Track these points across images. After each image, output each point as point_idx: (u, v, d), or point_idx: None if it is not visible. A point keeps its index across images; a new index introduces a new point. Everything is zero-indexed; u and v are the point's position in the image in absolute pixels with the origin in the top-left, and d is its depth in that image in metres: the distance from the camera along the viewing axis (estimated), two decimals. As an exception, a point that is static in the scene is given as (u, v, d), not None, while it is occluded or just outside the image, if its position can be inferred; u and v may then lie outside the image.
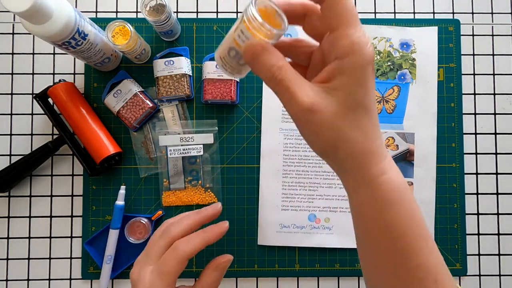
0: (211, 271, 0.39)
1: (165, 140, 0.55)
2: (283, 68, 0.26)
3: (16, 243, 0.55)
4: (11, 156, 0.56)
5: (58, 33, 0.42)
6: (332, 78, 0.26)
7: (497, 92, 0.58)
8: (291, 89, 0.26)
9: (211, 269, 0.40)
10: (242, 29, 0.27)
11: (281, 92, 0.26)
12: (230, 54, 0.28)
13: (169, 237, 0.39)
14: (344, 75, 0.26)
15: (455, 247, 0.56)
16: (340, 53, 0.25)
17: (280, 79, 0.26)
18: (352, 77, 0.25)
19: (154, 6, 0.50)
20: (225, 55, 0.29)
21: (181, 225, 0.40)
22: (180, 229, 0.40)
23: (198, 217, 0.42)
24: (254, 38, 0.26)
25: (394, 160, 0.55)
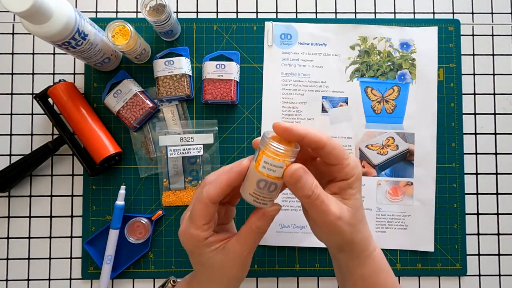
0: (256, 219, 0.36)
1: (165, 140, 0.55)
2: (318, 186, 0.34)
3: (16, 243, 0.55)
4: (11, 156, 0.56)
5: (58, 33, 0.42)
6: (342, 191, 0.37)
7: (497, 92, 0.58)
8: (325, 202, 0.34)
9: (257, 217, 0.36)
10: (267, 160, 0.31)
11: (318, 205, 0.34)
12: (260, 186, 0.33)
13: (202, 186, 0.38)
14: (351, 188, 0.36)
15: (455, 247, 0.56)
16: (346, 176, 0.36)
17: (318, 195, 0.34)
18: (356, 188, 0.37)
19: (154, 6, 0.50)
20: (254, 190, 0.33)
21: (216, 186, 0.36)
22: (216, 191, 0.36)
23: (232, 175, 0.36)
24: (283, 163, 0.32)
25: (394, 160, 0.56)
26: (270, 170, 0.32)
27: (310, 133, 0.34)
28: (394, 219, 0.56)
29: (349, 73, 0.57)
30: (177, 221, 0.55)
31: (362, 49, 0.57)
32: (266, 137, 0.32)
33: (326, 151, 0.35)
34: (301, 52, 0.57)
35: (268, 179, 0.32)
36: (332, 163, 0.36)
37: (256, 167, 0.32)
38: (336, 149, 0.35)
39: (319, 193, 0.34)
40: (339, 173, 0.36)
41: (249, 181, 0.33)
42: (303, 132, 0.34)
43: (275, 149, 0.31)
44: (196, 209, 0.36)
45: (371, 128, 0.57)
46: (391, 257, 0.55)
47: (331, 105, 0.57)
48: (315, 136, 0.34)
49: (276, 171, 0.32)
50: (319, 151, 0.35)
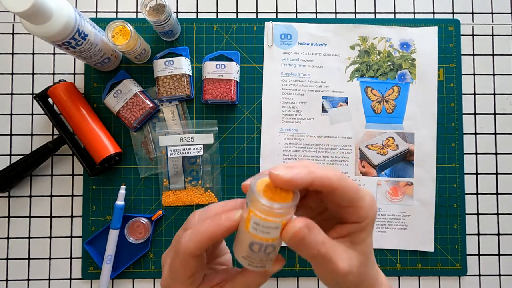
0: (254, 276, 0.31)
1: (165, 140, 0.55)
2: (325, 241, 0.28)
3: (16, 243, 0.55)
4: (11, 156, 0.56)
5: (58, 33, 0.42)
6: (352, 235, 0.30)
7: (497, 92, 0.58)
8: (333, 260, 0.28)
9: (256, 274, 0.31)
10: (257, 222, 0.25)
11: (324, 264, 0.28)
12: (254, 249, 0.26)
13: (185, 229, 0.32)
14: (363, 231, 0.30)
15: (455, 247, 0.56)
16: (359, 219, 0.30)
17: (325, 253, 0.28)
18: (368, 231, 0.31)
19: (154, 6, 0.50)
20: (247, 253, 0.26)
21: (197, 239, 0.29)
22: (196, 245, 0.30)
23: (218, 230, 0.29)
24: (279, 224, 0.25)
25: (394, 160, 0.56)
26: (264, 233, 0.25)
27: (317, 177, 0.27)
28: (394, 219, 0.56)
29: (349, 73, 0.57)
30: (177, 221, 0.55)
31: (362, 49, 0.57)
32: (253, 190, 0.25)
33: (337, 194, 0.29)
34: (301, 52, 0.57)
35: (263, 242, 0.25)
36: (343, 206, 0.30)
37: (246, 227, 0.25)
38: (349, 191, 0.29)
39: (326, 251, 0.28)
40: (351, 216, 0.30)
41: (240, 241, 0.27)
42: (309, 179, 0.27)
43: (267, 208, 0.24)
44: (176, 264, 0.30)
45: (371, 128, 0.56)
46: (391, 257, 0.55)
47: (331, 105, 0.57)
48: (324, 180, 0.28)
49: (271, 233, 0.25)
50: (329, 195, 0.29)
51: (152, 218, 0.54)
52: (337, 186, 0.28)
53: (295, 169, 0.27)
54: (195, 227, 0.29)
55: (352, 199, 0.29)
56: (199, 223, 0.29)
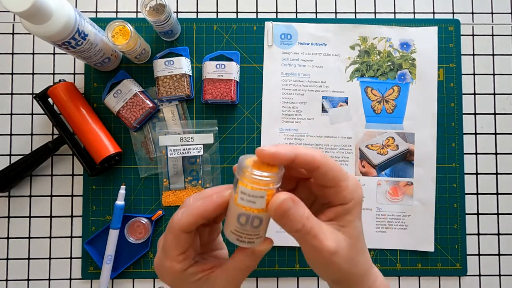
0: (244, 258, 0.31)
1: (165, 140, 0.55)
2: (310, 217, 0.29)
3: (16, 243, 0.55)
4: (11, 156, 0.56)
5: (58, 33, 0.42)
6: (339, 217, 0.31)
7: (497, 92, 0.58)
8: (318, 237, 0.29)
9: (245, 255, 0.31)
10: (244, 190, 0.26)
11: (309, 240, 0.29)
12: (241, 221, 0.27)
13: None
14: (349, 214, 0.31)
15: (455, 247, 0.56)
16: (344, 200, 0.31)
17: (310, 228, 0.28)
18: (354, 214, 0.31)
19: (154, 6, 0.50)
20: (236, 226, 0.28)
21: (189, 215, 0.31)
22: (187, 220, 0.31)
23: (209, 206, 0.31)
24: (264, 192, 0.26)
25: (394, 160, 0.56)
26: (250, 202, 0.26)
27: (300, 153, 0.29)
28: (394, 219, 0.56)
29: (349, 73, 0.57)
30: (177, 221, 0.55)
31: (362, 49, 0.57)
32: (242, 163, 0.27)
33: (320, 172, 0.30)
34: (301, 52, 0.57)
35: (250, 213, 0.27)
36: (327, 185, 0.31)
37: (235, 199, 0.27)
38: (332, 169, 0.30)
39: (311, 226, 0.28)
40: (336, 197, 0.31)
41: (230, 216, 0.28)
42: (292, 154, 0.28)
43: (253, 176, 0.26)
44: (167, 239, 0.31)
45: (371, 128, 0.56)
46: (391, 257, 0.55)
47: (331, 105, 0.57)
48: (307, 156, 0.29)
49: (256, 202, 0.26)
50: (313, 172, 0.30)
51: (152, 218, 0.54)
52: (320, 163, 0.29)
53: (280, 146, 0.29)
54: (189, 206, 0.31)
55: (335, 178, 0.30)
56: (193, 203, 0.31)
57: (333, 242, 0.29)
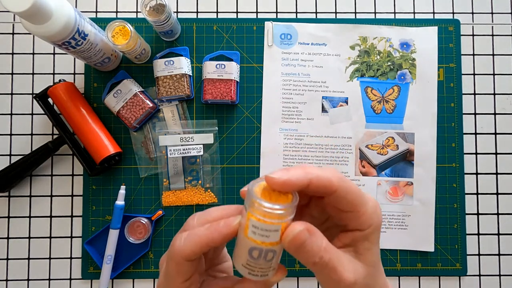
0: (254, 284, 0.29)
1: (165, 140, 0.55)
2: (328, 248, 0.26)
3: (16, 243, 0.55)
4: (11, 156, 0.56)
5: (58, 33, 0.42)
6: (356, 244, 0.29)
7: (497, 92, 0.58)
8: (338, 269, 0.26)
9: (256, 285, 0.29)
10: (256, 224, 0.24)
11: (327, 273, 0.27)
12: (253, 256, 0.25)
13: (182, 231, 0.30)
14: (367, 240, 0.29)
15: (455, 247, 0.56)
16: (362, 226, 0.28)
17: (329, 260, 0.26)
18: (373, 241, 0.29)
19: (154, 6, 0.50)
20: (247, 261, 0.25)
21: (192, 243, 0.28)
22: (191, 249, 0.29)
23: (215, 236, 0.28)
24: (279, 226, 0.24)
25: (394, 160, 0.56)
26: (263, 236, 0.24)
27: (315, 177, 0.26)
28: (394, 219, 0.56)
29: (349, 73, 0.57)
30: (177, 221, 0.55)
31: (362, 49, 0.57)
32: (251, 193, 0.24)
33: (337, 196, 0.27)
34: (301, 52, 0.57)
35: (263, 247, 0.24)
36: (344, 210, 0.28)
37: (245, 232, 0.25)
38: (350, 193, 0.27)
39: (330, 258, 0.26)
40: (353, 222, 0.28)
41: (239, 248, 0.26)
42: (306, 180, 0.26)
43: (265, 209, 0.23)
44: (170, 267, 0.28)
45: (371, 128, 0.56)
46: (391, 257, 0.55)
47: (331, 105, 0.57)
48: (323, 180, 0.26)
49: (270, 236, 0.24)
50: (329, 196, 0.28)
51: (152, 218, 0.54)
52: (337, 187, 0.27)
53: (292, 170, 0.26)
54: (192, 231, 0.28)
55: (354, 202, 0.28)
56: (197, 227, 0.28)
57: (352, 273, 0.27)
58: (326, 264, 0.26)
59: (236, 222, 0.27)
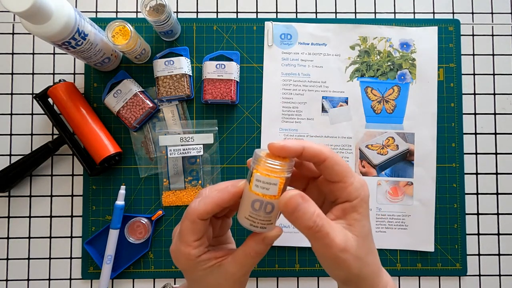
0: (255, 244, 0.33)
1: (165, 140, 0.55)
2: (321, 215, 0.30)
3: (16, 243, 0.55)
4: (11, 156, 0.56)
5: (58, 33, 0.42)
6: (346, 215, 0.32)
7: (497, 92, 0.58)
8: (330, 235, 0.30)
9: (256, 242, 0.33)
10: (259, 178, 0.29)
11: (320, 238, 0.30)
12: (255, 207, 0.30)
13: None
14: (356, 212, 0.32)
15: (455, 247, 0.56)
16: (350, 197, 0.32)
17: (322, 226, 0.29)
18: (361, 213, 0.32)
19: (154, 6, 0.50)
20: (250, 212, 0.30)
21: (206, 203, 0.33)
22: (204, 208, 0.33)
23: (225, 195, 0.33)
24: (277, 179, 0.29)
25: (394, 160, 0.56)
26: (264, 189, 0.29)
27: (308, 146, 0.31)
28: (394, 219, 0.56)
29: (349, 73, 0.57)
30: (177, 221, 0.55)
31: (362, 49, 0.57)
32: (257, 154, 0.30)
33: (326, 165, 0.31)
34: (301, 52, 0.57)
35: (263, 199, 0.29)
36: (333, 180, 0.32)
37: (250, 187, 0.30)
38: (338, 164, 0.31)
39: (322, 224, 0.29)
40: (342, 193, 0.32)
41: (244, 203, 0.31)
42: (300, 147, 0.31)
43: (267, 165, 0.29)
44: (184, 225, 0.33)
45: (371, 128, 0.56)
46: (391, 257, 0.55)
47: (331, 105, 0.57)
48: (314, 149, 0.31)
49: (270, 189, 0.29)
50: (320, 165, 0.32)
51: (152, 218, 0.54)
52: (327, 156, 0.31)
53: (290, 140, 0.31)
54: (205, 194, 0.33)
55: (342, 173, 0.31)
56: (209, 193, 0.33)
57: (343, 240, 0.30)
58: (319, 229, 0.29)
59: (242, 183, 0.32)
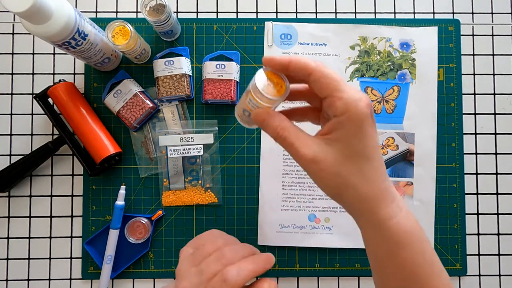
0: None
1: (165, 140, 0.55)
2: (286, 128, 0.32)
3: (16, 243, 0.55)
4: (11, 156, 0.56)
5: (58, 33, 0.42)
6: (332, 131, 0.31)
7: (497, 92, 0.58)
8: (294, 145, 0.31)
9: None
10: (250, 98, 0.33)
11: (287, 147, 0.32)
12: (245, 114, 0.36)
13: (222, 264, 0.36)
14: (342, 129, 0.30)
15: (455, 247, 0.56)
16: (337, 112, 0.30)
17: (284, 137, 0.32)
18: (349, 130, 0.30)
19: (154, 6, 0.50)
20: (241, 114, 0.36)
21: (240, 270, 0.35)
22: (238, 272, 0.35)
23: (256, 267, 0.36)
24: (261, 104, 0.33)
25: (394, 160, 0.56)
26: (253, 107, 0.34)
27: (295, 59, 0.31)
28: (394, 219, 0.55)
29: (349, 73, 0.57)
30: (177, 221, 0.55)
31: (362, 49, 0.57)
32: (256, 77, 0.34)
33: (313, 79, 0.31)
34: (301, 52, 0.57)
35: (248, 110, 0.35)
36: (322, 95, 0.31)
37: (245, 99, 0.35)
38: (326, 77, 0.30)
39: (287, 136, 0.31)
40: (330, 109, 0.31)
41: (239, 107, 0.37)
42: (287, 60, 0.32)
43: (255, 91, 0.33)
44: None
45: (371, 128, 0.56)
46: (391, 257, 0.55)
47: (331, 105, 0.56)
48: (300, 62, 0.31)
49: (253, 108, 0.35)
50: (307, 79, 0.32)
51: (152, 218, 0.54)
52: (313, 70, 0.30)
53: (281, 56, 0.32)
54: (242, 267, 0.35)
55: (329, 86, 0.30)
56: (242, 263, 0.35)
57: (311, 151, 0.30)
58: (283, 140, 0.32)
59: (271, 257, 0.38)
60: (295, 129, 0.32)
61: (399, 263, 0.31)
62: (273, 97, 0.32)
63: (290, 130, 0.32)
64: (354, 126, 0.30)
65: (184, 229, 0.55)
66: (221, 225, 0.55)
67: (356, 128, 0.30)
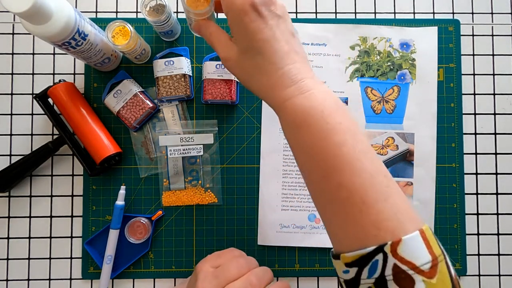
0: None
1: (165, 140, 0.55)
2: (212, 34, 0.38)
3: (16, 243, 0.55)
4: (11, 156, 0.56)
5: (58, 33, 0.42)
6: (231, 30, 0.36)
7: (497, 92, 0.58)
8: (216, 48, 0.37)
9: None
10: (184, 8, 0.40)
11: (214, 48, 0.38)
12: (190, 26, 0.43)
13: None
14: (232, 28, 0.35)
15: (455, 247, 0.56)
16: (224, 13, 0.35)
17: (211, 42, 0.38)
18: (233, 28, 0.35)
19: (154, 6, 0.50)
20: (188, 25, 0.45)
21: None
22: None
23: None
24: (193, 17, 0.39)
25: (394, 160, 0.56)
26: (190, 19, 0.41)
27: None
28: (394, 219, 0.55)
29: (349, 73, 0.57)
30: (177, 221, 0.55)
31: (362, 49, 0.57)
32: None
33: None
34: (301, 52, 0.57)
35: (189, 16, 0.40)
36: None
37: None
38: None
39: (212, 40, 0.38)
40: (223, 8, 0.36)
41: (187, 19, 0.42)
42: None
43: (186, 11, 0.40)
44: None
45: (371, 128, 0.57)
46: (391, 257, 0.55)
47: (331, 105, 0.56)
48: None
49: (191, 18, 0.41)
50: None
51: (152, 218, 0.54)
52: None
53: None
54: None
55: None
56: None
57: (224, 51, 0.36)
58: (211, 43, 0.38)
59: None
60: (218, 33, 0.38)
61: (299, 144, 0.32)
62: (196, 11, 0.38)
63: (215, 35, 0.38)
64: (235, 23, 0.34)
65: (184, 229, 0.55)
66: (221, 225, 0.55)
67: (237, 25, 0.34)
